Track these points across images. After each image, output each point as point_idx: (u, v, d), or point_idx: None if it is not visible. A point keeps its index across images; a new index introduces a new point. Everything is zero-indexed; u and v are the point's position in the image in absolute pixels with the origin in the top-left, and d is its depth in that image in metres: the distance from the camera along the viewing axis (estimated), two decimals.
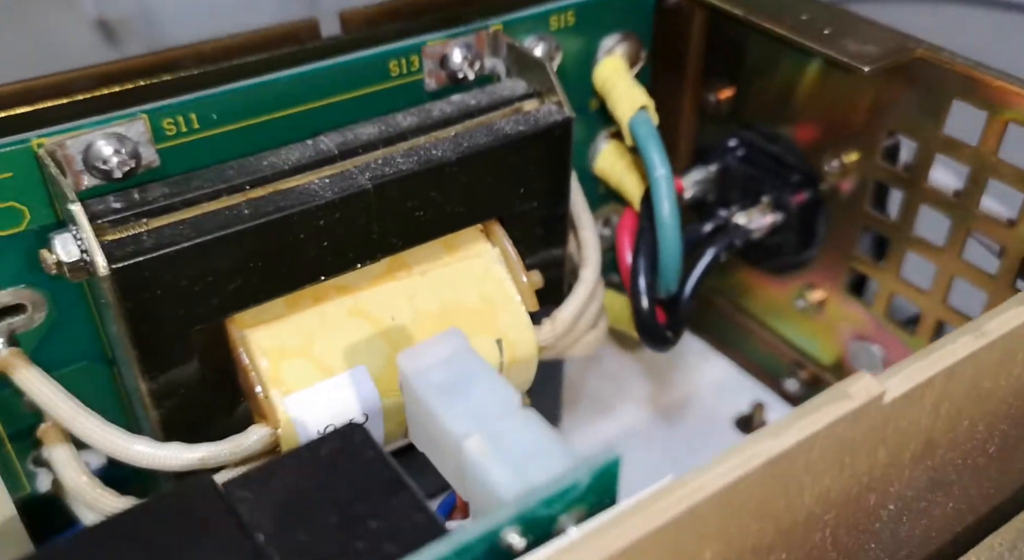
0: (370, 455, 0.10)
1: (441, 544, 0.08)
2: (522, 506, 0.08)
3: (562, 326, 0.19)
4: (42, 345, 0.16)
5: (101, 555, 0.09)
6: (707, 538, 0.09)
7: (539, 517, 0.08)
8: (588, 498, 0.09)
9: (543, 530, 0.09)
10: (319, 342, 0.16)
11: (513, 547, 0.08)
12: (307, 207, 0.15)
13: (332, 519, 0.09)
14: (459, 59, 0.18)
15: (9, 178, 0.14)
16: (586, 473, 0.09)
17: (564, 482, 0.09)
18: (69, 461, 0.15)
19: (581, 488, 0.09)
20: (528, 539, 0.08)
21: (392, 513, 0.09)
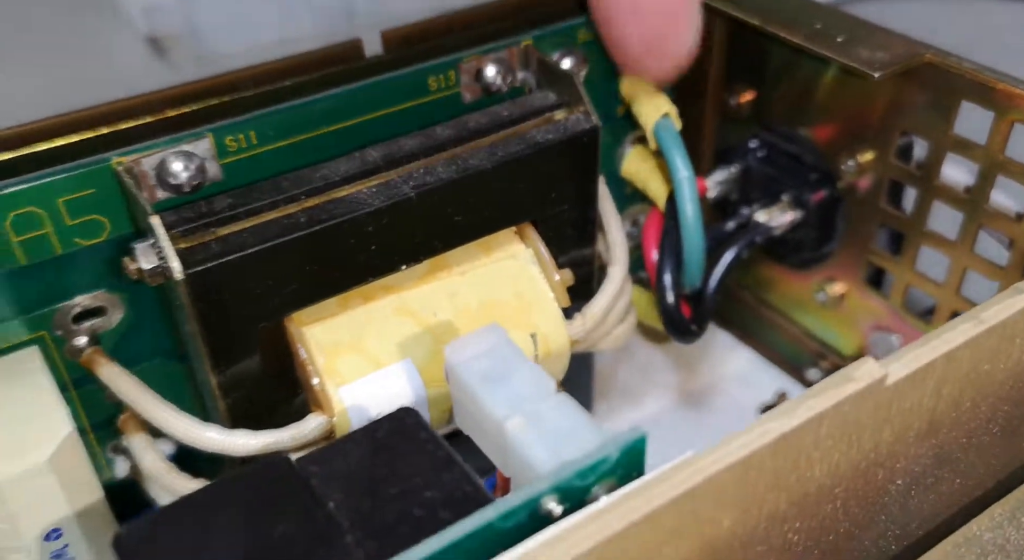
0: (423, 435, 0.11)
1: (489, 509, 0.09)
2: (559, 477, 0.10)
3: (592, 320, 0.20)
4: (120, 344, 0.18)
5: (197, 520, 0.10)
6: (725, 506, 0.10)
7: (574, 488, 0.10)
8: (618, 471, 0.10)
9: (578, 499, 0.10)
10: (369, 337, 0.18)
11: (552, 513, 0.10)
12: (357, 214, 0.17)
13: (392, 490, 0.11)
14: (493, 73, 0.20)
15: (92, 194, 0.16)
16: (615, 448, 0.10)
17: (596, 456, 0.10)
18: (147, 448, 0.17)
19: (611, 462, 0.10)
20: (565, 506, 0.10)
21: (445, 485, 0.10)
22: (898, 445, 0.13)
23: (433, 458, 0.11)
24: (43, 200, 0.15)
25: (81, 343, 0.17)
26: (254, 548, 0.10)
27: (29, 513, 0.14)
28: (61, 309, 0.16)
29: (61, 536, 0.15)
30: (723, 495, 0.10)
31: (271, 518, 0.10)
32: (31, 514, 0.14)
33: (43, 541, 0.15)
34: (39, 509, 0.14)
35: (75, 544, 0.15)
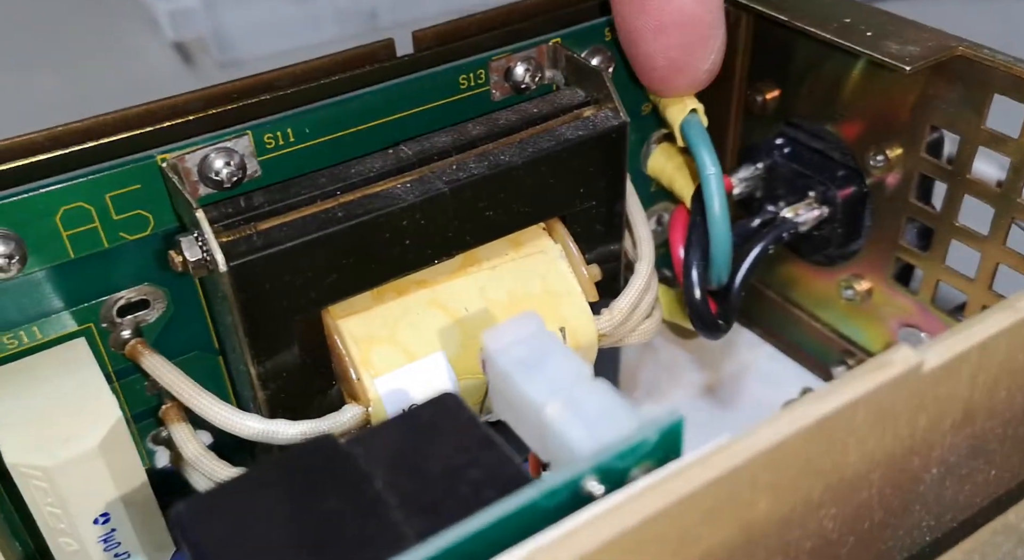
0: (464, 418, 0.12)
1: (533, 488, 0.10)
2: (600, 459, 0.10)
3: (620, 315, 0.21)
4: (161, 337, 0.18)
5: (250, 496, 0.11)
6: (761, 489, 0.10)
7: (614, 469, 0.10)
8: (656, 454, 0.10)
9: (617, 481, 0.10)
10: (402, 330, 0.18)
11: (593, 493, 0.10)
12: (392, 209, 0.17)
13: (436, 469, 0.11)
14: (522, 71, 0.20)
15: (138, 189, 0.16)
16: (654, 431, 0.10)
17: (635, 438, 0.10)
18: (189, 437, 0.18)
19: (650, 444, 0.10)
20: (605, 487, 0.10)
21: (487, 465, 0.11)
22: (933, 433, 0.13)
23: (474, 439, 0.11)
24: (92, 195, 0.16)
25: (125, 335, 0.17)
26: (306, 522, 0.10)
27: (79, 498, 0.15)
28: (107, 302, 0.17)
29: (109, 520, 0.15)
30: (759, 478, 0.10)
31: (321, 494, 0.11)
32: (81, 499, 0.15)
33: (92, 525, 0.15)
34: (89, 494, 0.15)
35: (121, 528, 0.16)
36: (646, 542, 0.09)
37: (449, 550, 0.09)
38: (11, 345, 0.16)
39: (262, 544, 0.10)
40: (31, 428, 0.15)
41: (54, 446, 0.14)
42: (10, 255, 0.15)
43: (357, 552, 0.10)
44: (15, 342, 0.16)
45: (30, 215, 0.15)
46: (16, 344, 0.16)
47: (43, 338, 0.16)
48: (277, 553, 0.10)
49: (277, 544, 0.10)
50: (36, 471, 0.14)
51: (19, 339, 0.16)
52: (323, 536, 0.10)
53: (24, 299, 0.16)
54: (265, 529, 0.10)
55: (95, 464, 0.15)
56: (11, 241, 0.15)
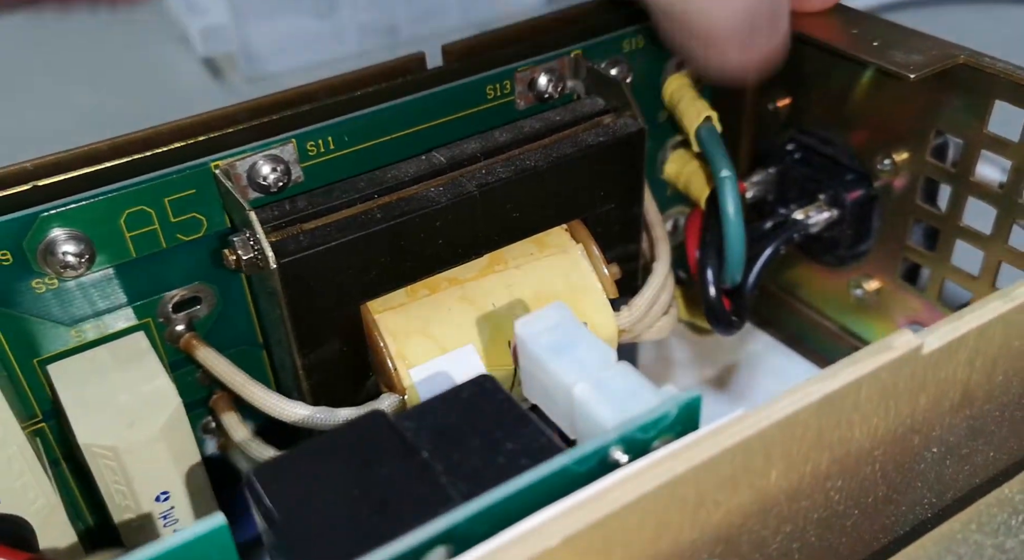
0: (500, 397, 0.13)
1: (565, 456, 0.11)
2: (625, 429, 0.11)
3: (638, 311, 0.22)
4: (211, 331, 0.19)
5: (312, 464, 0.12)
6: (773, 459, 0.11)
7: (637, 440, 0.11)
8: (676, 427, 0.11)
9: (641, 451, 0.11)
10: (434, 324, 0.19)
11: (618, 461, 0.11)
12: (427, 211, 0.18)
13: (476, 442, 0.12)
14: (545, 82, 0.21)
15: (193, 194, 0.18)
16: (674, 405, 0.11)
17: (657, 412, 0.11)
18: (238, 425, 0.19)
19: (670, 418, 0.11)
20: (629, 457, 0.11)
21: (522, 438, 0.12)
22: (933, 413, 0.14)
23: (510, 416, 0.12)
24: (152, 199, 0.17)
25: (179, 329, 0.19)
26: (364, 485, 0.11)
27: (143, 477, 0.16)
28: (163, 298, 0.18)
29: (168, 498, 0.17)
30: (771, 449, 0.11)
31: (375, 462, 0.12)
32: (145, 478, 0.16)
33: (154, 502, 0.16)
34: (151, 473, 0.16)
35: (179, 506, 0.17)
36: (667, 505, 0.10)
37: (492, 507, 0.10)
38: (79, 338, 0.18)
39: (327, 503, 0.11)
40: (101, 413, 0.16)
41: (122, 429, 0.16)
42: (80, 254, 0.16)
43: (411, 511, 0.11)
44: (82, 335, 0.18)
45: (98, 218, 0.17)
46: (83, 337, 0.18)
47: (107, 332, 0.18)
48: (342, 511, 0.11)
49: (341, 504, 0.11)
50: (107, 451, 0.15)
51: (85, 333, 0.18)
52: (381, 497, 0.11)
53: (91, 296, 0.17)
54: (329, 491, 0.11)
55: (158, 446, 0.16)
56: (81, 242, 0.16)
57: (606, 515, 0.10)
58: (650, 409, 0.11)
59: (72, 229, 0.16)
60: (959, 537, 0.14)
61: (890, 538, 0.14)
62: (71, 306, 0.17)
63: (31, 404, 0.18)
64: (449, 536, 0.10)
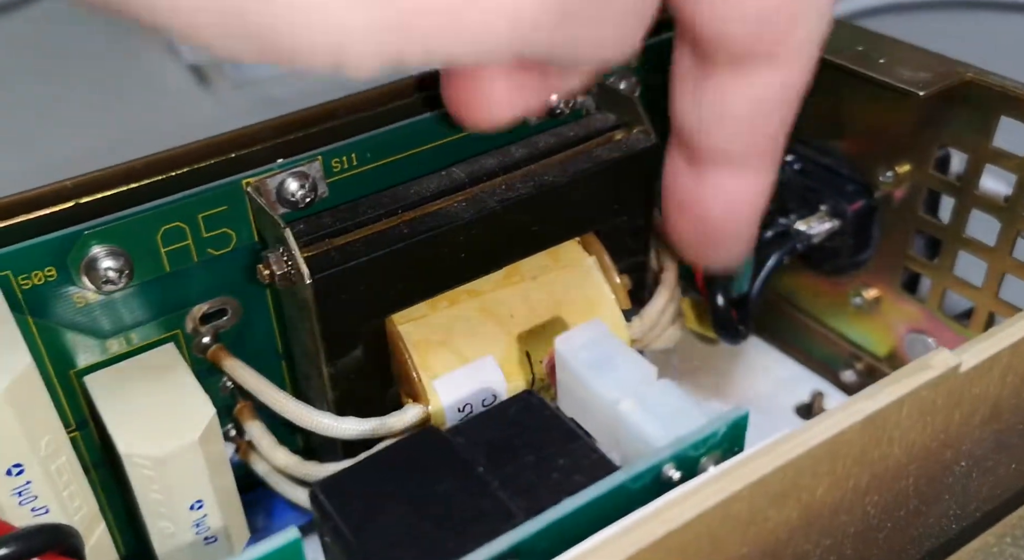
0: (547, 413, 0.13)
1: (620, 473, 0.11)
2: (677, 447, 0.12)
3: (649, 321, 0.22)
4: (234, 343, 0.20)
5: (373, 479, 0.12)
6: (820, 476, 0.12)
7: (689, 457, 0.12)
8: (723, 444, 0.12)
9: (691, 469, 0.12)
10: (455, 335, 0.20)
11: (672, 479, 0.12)
12: (451, 226, 0.19)
13: (529, 458, 0.13)
14: (556, 97, 0.22)
15: (225, 210, 0.18)
16: (723, 423, 0.12)
17: (708, 430, 0.12)
18: (263, 433, 0.19)
19: (719, 435, 0.12)
20: (681, 474, 0.12)
21: (573, 454, 0.12)
22: (965, 428, 0.14)
23: (559, 431, 0.13)
24: (187, 215, 0.17)
25: (206, 341, 0.19)
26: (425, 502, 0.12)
27: (179, 486, 0.16)
28: (192, 311, 0.19)
29: (202, 506, 0.17)
30: (819, 466, 0.12)
31: (434, 477, 0.12)
32: (181, 487, 0.16)
33: (188, 510, 0.17)
34: (187, 482, 0.16)
35: (211, 514, 0.17)
36: (722, 521, 0.11)
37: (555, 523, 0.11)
38: (111, 350, 0.18)
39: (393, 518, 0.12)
40: (140, 423, 0.16)
41: (161, 439, 0.16)
42: (120, 269, 0.17)
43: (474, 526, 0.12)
44: (114, 347, 0.18)
45: (137, 234, 0.17)
46: (115, 349, 0.18)
47: (137, 344, 0.18)
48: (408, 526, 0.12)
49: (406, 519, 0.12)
50: (146, 461, 0.16)
51: (120, 344, 0.18)
52: (442, 512, 0.12)
53: (125, 309, 0.18)
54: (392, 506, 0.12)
55: (195, 455, 0.16)
56: (121, 257, 0.17)
57: (667, 532, 0.10)
58: (700, 427, 0.12)
59: (112, 245, 0.17)
60: (995, 550, 0.14)
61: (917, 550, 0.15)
62: (107, 319, 0.17)
63: (66, 414, 0.18)
64: (516, 552, 0.10)
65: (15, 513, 0.15)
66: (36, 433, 0.15)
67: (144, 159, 0.17)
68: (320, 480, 0.13)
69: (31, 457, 0.15)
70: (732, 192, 0.17)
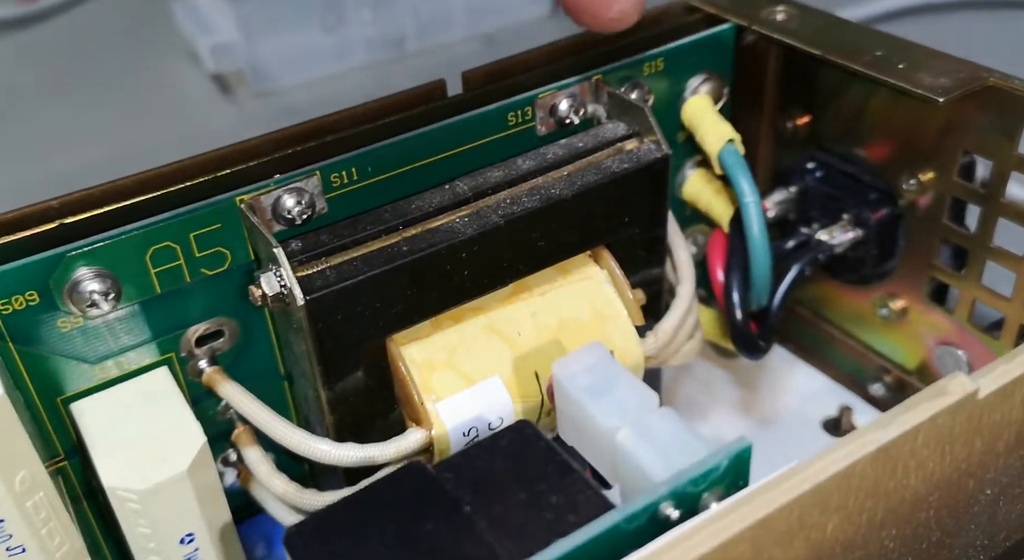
0: (541, 445, 0.13)
1: (615, 513, 0.10)
2: (675, 483, 0.11)
3: (664, 337, 0.21)
4: (233, 364, 0.19)
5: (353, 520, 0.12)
6: (829, 512, 0.11)
7: (688, 494, 0.11)
8: (726, 479, 0.11)
9: (691, 505, 0.11)
10: (460, 355, 0.19)
11: (669, 517, 0.11)
12: (453, 242, 0.18)
13: (520, 495, 0.12)
14: (566, 107, 0.21)
15: (219, 228, 0.17)
16: (725, 456, 0.11)
17: (708, 464, 0.11)
18: (260, 459, 0.19)
19: (721, 470, 0.11)
20: (680, 512, 0.11)
21: (567, 490, 0.12)
22: (988, 456, 0.13)
23: (554, 465, 0.12)
24: (178, 235, 0.17)
25: (202, 365, 0.19)
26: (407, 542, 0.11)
27: (168, 519, 0.16)
28: (186, 333, 0.18)
29: (193, 540, 0.16)
30: (827, 501, 0.11)
31: (418, 517, 0.11)
32: (169, 520, 0.16)
33: (178, 544, 0.16)
34: (176, 515, 0.16)
35: (204, 548, 0.17)
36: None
37: None
38: (101, 375, 0.17)
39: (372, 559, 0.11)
40: (125, 453, 0.16)
41: (147, 470, 0.15)
42: (106, 292, 0.16)
43: None
44: (104, 373, 0.17)
45: (124, 255, 0.16)
46: (105, 374, 0.17)
47: (129, 368, 0.18)
48: None
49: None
50: (131, 494, 0.15)
51: (108, 369, 0.17)
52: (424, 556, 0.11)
53: (114, 333, 0.17)
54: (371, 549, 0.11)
55: (183, 487, 0.16)
56: (107, 279, 0.16)
57: None
58: (700, 461, 0.11)
59: (98, 267, 0.16)
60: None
61: None
62: (95, 344, 0.17)
63: (53, 443, 0.17)
64: None
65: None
66: (9, 469, 0.14)
67: (134, 177, 0.17)
68: (295, 524, 0.12)
69: (5, 495, 0.14)
70: None
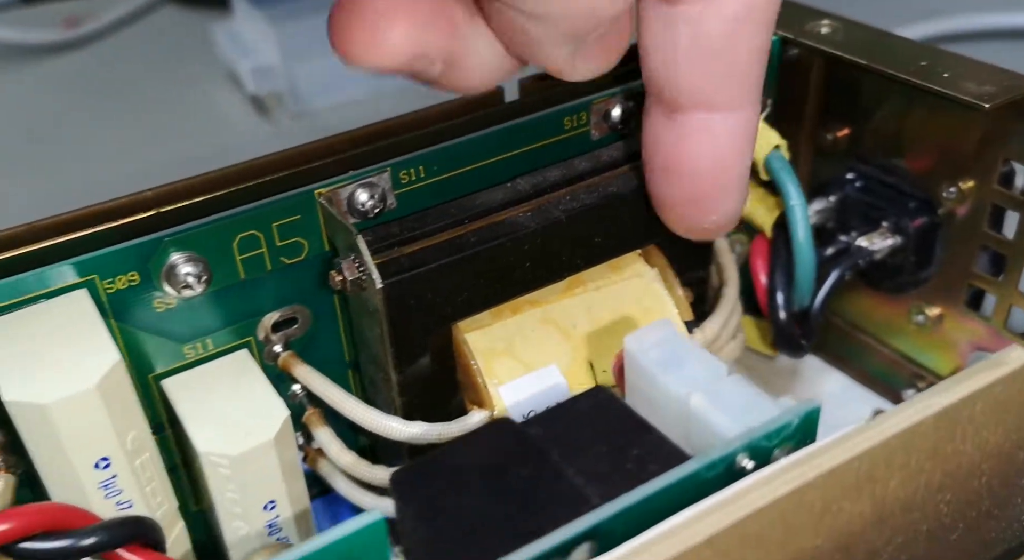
0: (617, 407, 0.13)
1: (694, 461, 0.11)
2: (751, 437, 0.12)
3: (711, 334, 0.22)
4: (303, 351, 0.20)
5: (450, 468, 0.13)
6: (892, 469, 0.12)
7: (761, 447, 0.12)
8: (796, 437, 0.12)
9: (763, 459, 0.12)
10: (519, 344, 0.20)
11: (745, 468, 0.12)
12: (517, 236, 0.19)
13: (603, 448, 0.13)
14: (618, 113, 0.22)
15: (297, 219, 0.19)
16: (796, 415, 0.12)
17: (781, 421, 0.12)
18: (332, 439, 0.20)
19: (792, 427, 0.12)
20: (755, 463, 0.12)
21: (647, 445, 0.13)
22: None
23: (632, 424, 0.13)
24: (262, 223, 0.18)
25: (277, 349, 0.20)
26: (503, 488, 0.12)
27: (254, 485, 0.17)
28: (264, 319, 0.19)
29: (275, 507, 0.17)
30: (892, 459, 0.12)
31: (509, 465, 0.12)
32: (255, 486, 0.17)
33: (262, 511, 0.17)
34: (261, 482, 0.17)
35: (284, 515, 0.18)
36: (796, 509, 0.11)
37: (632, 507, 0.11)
38: (190, 355, 0.18)
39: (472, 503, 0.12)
40: (217, 424, 0.17)
41: (237, 438, 0.16)
42: (199, 275, 0.17)
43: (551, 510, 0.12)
44: (193, 352, 0.18)
45: (215, 241, 0.18)
46: (194, 354, 0.18)
47: (214, 349, 0.19)
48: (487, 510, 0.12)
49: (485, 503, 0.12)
50: (223, 459, 0.16)
51: (196, 350, 0.18)
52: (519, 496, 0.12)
53: (203, 315, 0.18)
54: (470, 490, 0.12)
55: (269, 455, 0.17)
56: (200, 263, 0.17)
57: (744, 517, 0.10)
58: (773, 418, 0.12)
59: (192, 252, 0.17)
60: None
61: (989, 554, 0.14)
62: (184, 324, 0.18)
63: None
64: (593, 533, 0.10)
65: (101, 505, 0.15)
66: (123, 428, 0.15)
67: (221, 171, 0.18)
68: (400, 467, 0.13)
69: (118, 451, 0.15)
70: (717, 135, 0.16)
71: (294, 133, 0.44)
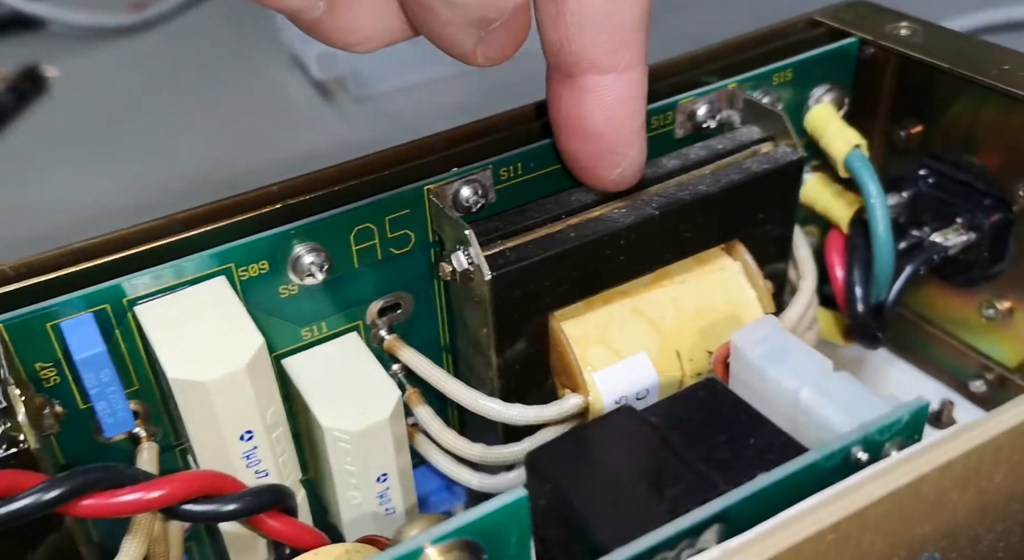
0: (731, 398, 0.14)
1: (814, 452, 0.12)
2: (865, 431, 0.12)
3: (789, 324, 0.23)
4: (403, 335, 0.21)
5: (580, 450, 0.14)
6: (999, 463, 0.12)
7: (874, 441, 0.13)
8: (905, 432, 0.13)
9: (876, 453, 0.13)
10: (611, 333, 0.21)
11: (860, 460, 0.12)
12: (613, 230, 0.20)
13: (722, 438, 0.14)
14: (703, 112, 0.23)
15: (407, 213, 0.20)
16: (906, 411, 0.13)
17: (893, 416, 0.13)
18: (432, 417, 0.21)
19: (903, 423, 0.13)
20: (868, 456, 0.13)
21: (763, 435, 0.14)
22: None
23: (746, 415, 0.14)
24: (376, 217, 0.19)
25: (382, 333, 0.21)
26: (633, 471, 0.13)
27: (370, 458, 0.18)
28: (371, 305, 0.20)
29: (386, 479, 0.19)
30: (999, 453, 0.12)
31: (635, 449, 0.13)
32: (371, 459, 0.18)
33: (375, 482, 0.18)
34: (377, 456, 0.18)
35: (393, 487, 0.19)
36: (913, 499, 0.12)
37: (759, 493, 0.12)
38: (307, 336, 0.20)
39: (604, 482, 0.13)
40: (338, 401, 0.18)
41: (357, 416, 0.18)
42: (321, 265, 0.19)
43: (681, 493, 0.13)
44: (310, 334, 0.20)
45: (335, 232, 0.19)
46: (310, 336, 0.20)
47: (328, 332, 0.20)
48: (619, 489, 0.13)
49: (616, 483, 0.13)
50: (344, 435, 0.18)
51: (312, 332, 0.20)
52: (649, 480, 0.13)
53: (320, 301, 0.20)
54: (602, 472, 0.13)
55: (384, 432, 0.18)
56: (321, 253, 0.19)
57: (866, 505, 0.11)
58: (885, 413, 0.13)
59: (314, 243, 0.19)
60: None
61: None
62: (304, 309, 0.19)
63: None
64: (723, 516, 0.11)
65: (244, 474, 0.17)
66: (264, 404, 0.17)
67: (336, 166, 0.19)
68: (534, 448, 0.14)
69: (259, 425, 0.16)
70: (608, 95, 0.18)
71: (358, 117, 0.45)
